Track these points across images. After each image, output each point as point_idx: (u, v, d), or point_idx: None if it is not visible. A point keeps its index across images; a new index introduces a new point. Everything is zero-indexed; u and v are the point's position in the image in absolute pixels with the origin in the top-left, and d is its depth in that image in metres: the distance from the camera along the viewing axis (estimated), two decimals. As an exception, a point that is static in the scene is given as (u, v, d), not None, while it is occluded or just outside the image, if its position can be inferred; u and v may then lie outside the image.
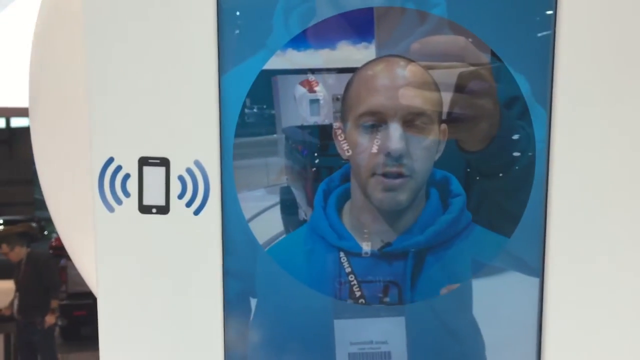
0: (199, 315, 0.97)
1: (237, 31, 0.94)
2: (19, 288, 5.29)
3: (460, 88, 0.96)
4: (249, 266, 1.00)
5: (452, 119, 0.96)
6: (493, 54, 0.95)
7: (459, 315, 1.01)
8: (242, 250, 0.99)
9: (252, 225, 0.98)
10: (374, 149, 0.97)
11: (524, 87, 0.95)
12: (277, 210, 0.98)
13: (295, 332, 1.02)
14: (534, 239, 0.98)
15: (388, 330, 1.01)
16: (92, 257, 0.99)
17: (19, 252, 5.35)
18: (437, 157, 0.98)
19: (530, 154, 0.96)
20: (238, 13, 0.94)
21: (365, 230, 1.00)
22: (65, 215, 1.11)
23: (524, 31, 0.94)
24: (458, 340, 1.02)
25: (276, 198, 0.98)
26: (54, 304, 5.28)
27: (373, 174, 0.98)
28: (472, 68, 0.95)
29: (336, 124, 0.97)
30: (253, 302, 1.01)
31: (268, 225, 0.98)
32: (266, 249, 1.00)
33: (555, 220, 0.95)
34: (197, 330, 0.98)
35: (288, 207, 0.98)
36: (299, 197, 0.98)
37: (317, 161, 0.98)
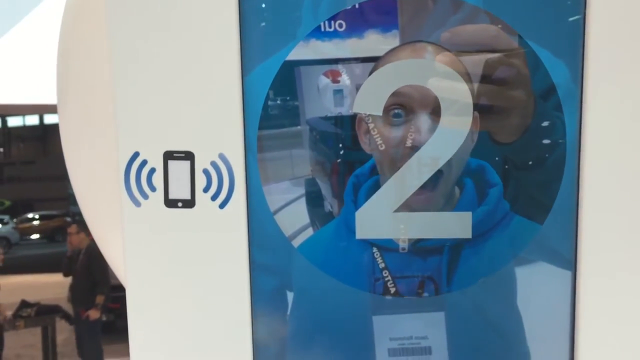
0: (226, 307, 0.97)
1: (263, 24, 0.94)
2: (73, 277, 5.41)
3: (492, 77, 0.93)
4: (279, 261, 0.99)
5: (484, 109, 0.94)
6: (522, 40, 0.92)
7: (499, 308, 0.99)
8: (269, 244, 0.98)
9: (278, 218, 0.98)
10: (408, 143, 0.95)
11: (563, 74, 0.92)
12: (302, 203, 0.98)
13: (333, 328, 1.00)
14: (567, 227, 0.95)
15: (428, 325, 0.99)
16: (121, 250, 0.99)
17: (82, 239, 5.44)
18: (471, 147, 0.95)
19: (562, 141, 0.94)
20: (264, 5, 0.93)
21: (401, 226, 0.98)
22: (94, 210, 1.12)
23: (560, 16, 0.91)
24: (499, 333, 1.00)
25: (301, 190, 0.98)
26: (100, 299, 5.37)
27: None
28: (501, 55, 0.93)
29: (359, 115, 0.95)
30: (288, 296, 1.01)
31: (294, 218, 0.98)
32: (296, 246, 0.99)
33: (587, 208, 0.93)
34: (225, 322, 0.98)
35: (314, 199, 0.98)
36: (325, 189, 0.97)
37: (342, 152, 0.97)
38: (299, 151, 0.97)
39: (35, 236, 17.33)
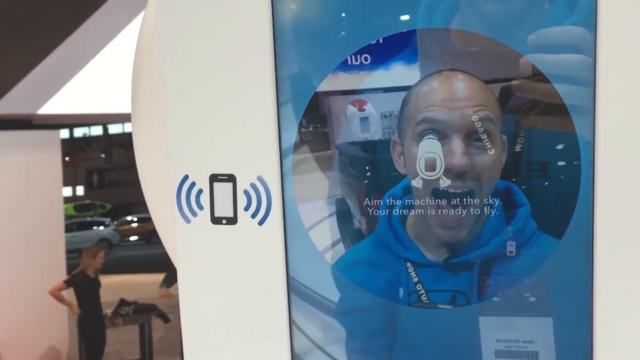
0: (266, 311, 1.08)
1: (296, 61, 1.04)
2: None
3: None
4: (313, 274, 1.08)
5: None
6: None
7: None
8: (304, 257, 1.08)
9: (312, 234, 1.07)
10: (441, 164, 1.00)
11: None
12: (334, 220, 1.07)
13: (440, 331, 1.05)
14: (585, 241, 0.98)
15: (535, 330, 1.02)
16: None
17: None
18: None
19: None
20: (296, 46, 1.03)
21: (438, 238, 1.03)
22: (162, 216, 1.24)
23: None
24: None
25: (333, 209, 1.07)
26: None
27: (433, 190, 1.02)
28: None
29: (394, 138, 1.03)
30: (320, 304, 1.09)
31: (326, 234, 1.07)
32: (332, 262, 1.07)
33: (603, 220, 0.96)
34: (265, 325, 1.08)
35: (344, 217, 1.06)
36: (354, 207, 1.06)
37: (369, 174, 1.05)
38: (330, 173, 1.06)
39: (133, 238, 18.14)
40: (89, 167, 23.68)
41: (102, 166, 24.02)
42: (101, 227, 17.43)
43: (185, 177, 1.08)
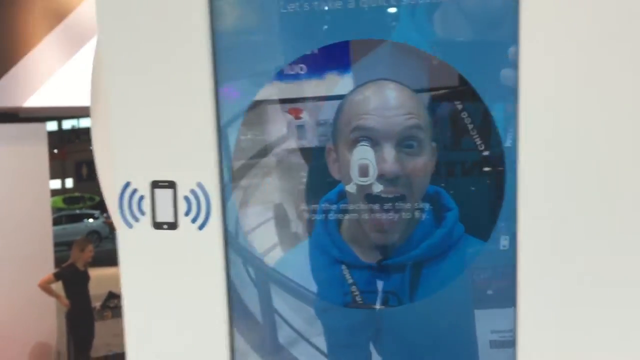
0: (206, 312, 1.12)
1: (235, 70, 1.08)
2: None
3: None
4: (253, 277, 1.12)
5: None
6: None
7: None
8: (244, 260, 1.11)
9: (251, 238, 1.11)
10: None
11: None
12: (272, 225, 1.10)
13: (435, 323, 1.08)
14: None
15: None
16: None
17: None
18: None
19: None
20: (234, 54, 1.07)
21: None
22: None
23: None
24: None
25: (271, 214, 1.10)
26: None
27: (367, 195, 1.05)
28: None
29: (328, 145, 1.06)
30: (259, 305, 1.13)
31: (265, 238, 1.10)
32: (272, 264, 1.11)
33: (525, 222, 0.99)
34: (205, 325, 1.11)
35: (281, 222, 1.10)
36: (291, 212, 1.09)
37: (305, 180, 1.08)
38: (268, 179, 1.09)
39: (123, 230, 18.01)
40: (78, 159, 23.60)
41: (91, 158, 23.83)
42: (90, 220, 17.34)
43: (127, 184, 1.11)
